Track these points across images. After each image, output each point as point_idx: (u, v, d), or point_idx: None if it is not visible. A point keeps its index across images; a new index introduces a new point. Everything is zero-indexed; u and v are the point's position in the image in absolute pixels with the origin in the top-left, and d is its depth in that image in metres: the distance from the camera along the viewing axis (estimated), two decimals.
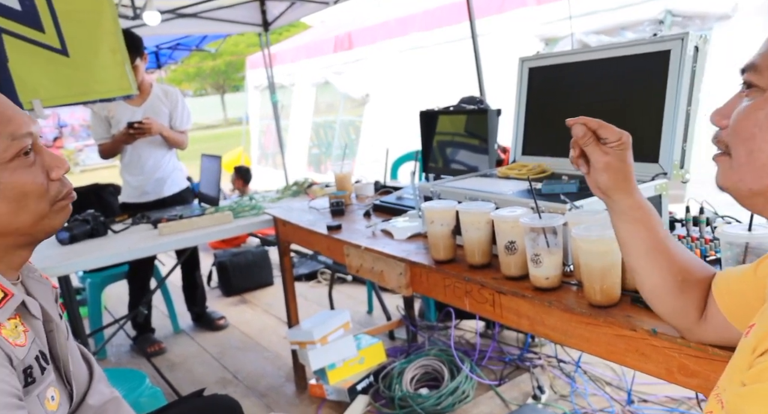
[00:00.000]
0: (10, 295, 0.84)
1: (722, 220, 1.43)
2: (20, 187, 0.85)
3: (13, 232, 0.86)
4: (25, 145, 0.85)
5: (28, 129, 0.86)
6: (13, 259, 0.90)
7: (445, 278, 1.47)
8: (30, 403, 0.82)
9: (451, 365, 2.35)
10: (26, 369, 0.84)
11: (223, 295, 4.01)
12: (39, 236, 0.91)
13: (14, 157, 0.84)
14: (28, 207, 0.86)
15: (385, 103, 6.15)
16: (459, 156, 2.19)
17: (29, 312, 0.89)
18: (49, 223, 0.90)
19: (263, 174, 8.84)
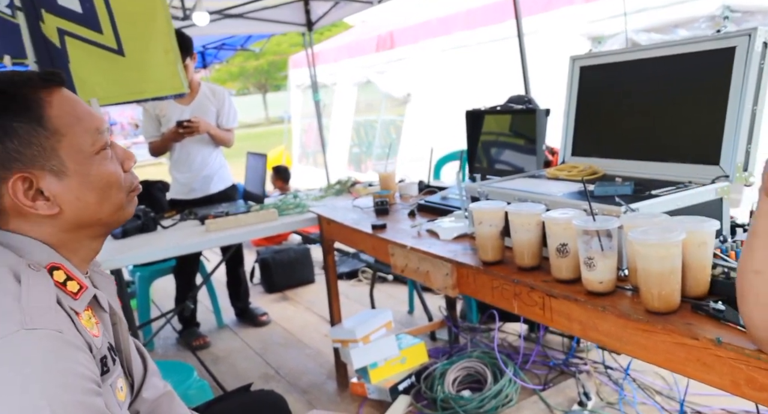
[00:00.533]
0: (84, 287, 0.87)
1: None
2: (106, 178, 0.89)
3: (96, 222, 0.90)
4: (106, 138, 0.90)
5: (103, 124, 0.91)
6: (87, 252, 0.93)
7: (493, 280, 1.45)
8: (105, 391, 0.85)
9: (494, 368, 2.32)
10: (102, 358, 0.87)
11: (266, 292, 4.07)
12: (114, 226, 0.95)
13: (100, 149, 0.88)
14: (111, 197, 0.90)
15: (426, 103, 6.12)
16: (505, 156, 2.16)
17: (99, 305, 0.91)
18: (123, 215, 0.94)
19: (304, 172, 8.94)
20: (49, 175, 0.84)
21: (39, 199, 0.84)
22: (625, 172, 1.57)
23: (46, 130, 0.83)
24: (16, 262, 0.82)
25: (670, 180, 1.43)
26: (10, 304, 0.76)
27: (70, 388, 0.74)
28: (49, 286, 0.82)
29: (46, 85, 0.86)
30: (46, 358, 0.74)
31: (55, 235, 0.88)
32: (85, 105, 0.90)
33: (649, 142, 1.57)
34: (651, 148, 1.57)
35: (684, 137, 1.49)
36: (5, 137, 0.82)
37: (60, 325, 0.78)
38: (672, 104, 1.51)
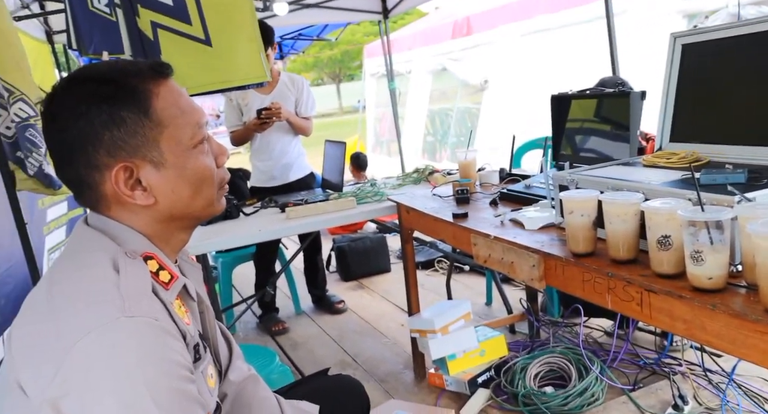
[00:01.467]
0: (176, 277, 0.88)
1: None
2: (201, 172, 0.89)
3: (187, 215, 0.91)
4: (206, 133, 0.91)
5: (203, 118, 0.91)
6: (177, 243, 0.94)
7: (584, 272, 1.37)
8: (197, 378, 0.86)
9: (579, 365, 2.22)
10: (195, 346, 0.88)
11: (341, 280, 4.11)
12: (203, 220, 0.96)
13: (198, 143, 0.89)
14: (203, 191, 0.90)
15: (505, 90, 5.96)
16: (594, 143, 2.05)
17: (188, 293, 0.93)
18: (213, 210, 0.94)
19: (378, 161, 8.96)
20: (149, 165, 0.86)
21: (137, 189, 0.86)
22: (734, 158, 1.44)
23: (150, 121, 0.85)
24: (114, 249, 0.84)
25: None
26: (111, 291, 0.78)
27: (168, 375, 0.76)
28: (146, 275, 0.84)
29: (155, 77, 0.87)
30: (146, 345, 0.75)
31: (149, 225, 0.89)
32: (188, 98, 0.91)
33: (762, 124, 1.43)
34: (760, 131, 1.42)
35: None
36: (114, 126, 0.83)
37: (156, 313, 0.79)
38: None
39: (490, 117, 6.27)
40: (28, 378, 0.75)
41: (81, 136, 0.83)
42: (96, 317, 0.75)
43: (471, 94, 6.93)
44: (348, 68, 29.09)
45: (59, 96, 0.85)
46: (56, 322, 0.76)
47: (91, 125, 0.82)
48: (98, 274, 0.80)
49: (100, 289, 0.78)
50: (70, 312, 0.76)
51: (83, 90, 0.84)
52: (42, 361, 0.74)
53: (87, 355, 0.73)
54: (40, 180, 2.06)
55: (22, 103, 2.10)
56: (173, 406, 0.75)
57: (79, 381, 0.72)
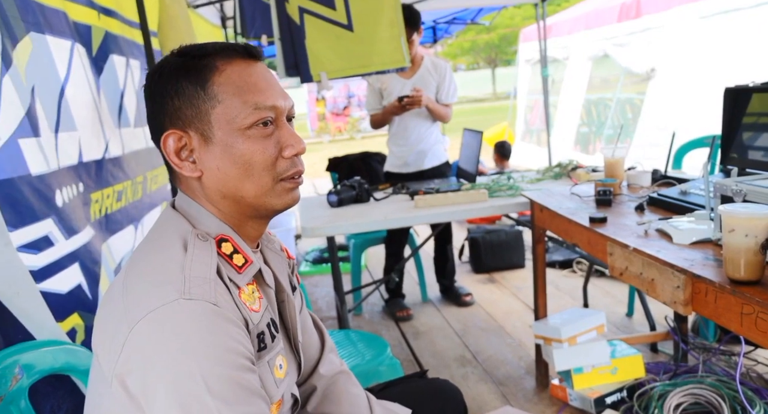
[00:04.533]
0: (250, 261, 0.87)
1: None
2: (249, 155, 0.86)
3: (240, 199, 0.88)
4: (265, 116, 0.86)
5: (274, 102, 0.87)
6: (250, 231, 0.92)
7: (744, 304, 1.15)
8: (261, 367, 0.85)
9: (733, 402, 1.92)
10: (259, 334, 0.86)
11: (472, 271, 4.01)
12: (261, 212, 0.91)
13: (252, 125, 0.86)
14: (253, 176, 0.87)
15: (674, 80, 5.35)
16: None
17: (264, 280, 0.91)
18: (270, 202, 0.89)
19: (526, 151, 8.62)
20: (200, 138, 0.86)
21: (187, 160, 0.87)
22: None
23: (206, 94, 0.85)
24: (187, 230, 0.85)
25: None
26: (175, 272, 0.78)
27: (221, 361, 0.75)
28: (212, 257, 0.82)
29: (231, 55, 0.87)
30: (200, 329, 0.75)
31: (218, 206, 0.89)
32: (263, 82, 0.87)
33: None
34: None
35: None
36: (175, 95, 0.86)
37: (216, 297, 0.78)
38: None
39: (654, 109, 5.68)
40: (102, 355, 0.79)
41: (156, 104, 0.87)
42: (157, 297, 0.76)
43: (634, 84, 6.32)
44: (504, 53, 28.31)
45: (154, 68, 0.90)
46: (126, 300, 0.78)
47: (161, 95, 0.86)
48: (167, 255, 0.81)
49: (166, 269, 0.79)
50: (138, 291, 0.78)
51: (167, 62, 0.88)
52: (111, 336, 0.77)
53: (145, 335, 0.74)
54: None
55: None
56: (227, 394, 0.74)
57: (138, 361, 0.75)
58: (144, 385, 0.74)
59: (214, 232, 0.87)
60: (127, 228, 1.97)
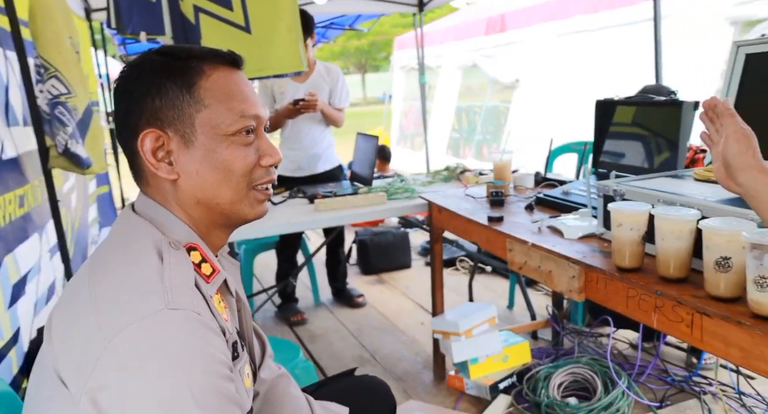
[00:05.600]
0: (217, 270, 0.85)
1: None
2: (230, 161, 0.86)
3: (215, 206, 0.88)
4: (249, 124, 0.87)
5: (257, 111, 0.89)
6: (215, 239, 0.92)
7: (630, 288, 1.32)
8: (236, 378, 0.83)
9: (605, 377, 2.17)
10: (234, 343, 0.85)
11: (361, 273, 4.08)
12: (232, 220, 0.91)
13: (236, 132, 0.86)
14: (231, 182, 0.87)
15: (536, 90, 5.86)
16: (639, 152, 1.98)
17: (228, 289, 0.90)
18: (243, 210, 0.89)
19: (401, 155, 8.92)
20: (180, 140, 0.85)
21: (164, 161, 0.85)
22: None
23: (191, 97, 0.84)
24: (159, 238, 0.82)
25: None
26: (155, 281, 0.75)
27: (209, 373, 0.73)
28: (189, 266, 0.81)
29: (217, 61, 0.87)
30: (188, 340, 0.72)
31: (188, 213, 0.87)
32: (247, 90, 0.89)
33: None
34: None
35: None
36: (156, 95, 0.84)
37: (199, 307, 0.76)
38: None
39: (520, 117, 6.18)
40: (68, 370, 0.73)
41: (133, 103, 0.85)
42: (138, 308, 0.72)
43: (501, 92, 6.83)
44: (374, 59, 28.98)
45: (132, 65, 0.87)
46: (98, 313, 0.73)
47: (141, 93, 0.84)
48: (142, 263, 0.78)
49: (143, 279, 0.76)
50: (112, 302, 0.74)
51: (148, 61, 0.86)
52: (82, 352, 0.72)
53: (127, 347, 0.70)
54: (69, 158, 2.05)
55: (56, 80, 2.08)
56: (213, 405, 0.72)
57: (117, 374, 0.70)
58: (122, 400, 0.69)
59: (183, 239, 0.85)
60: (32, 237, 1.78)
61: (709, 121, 1.02)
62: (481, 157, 7.20)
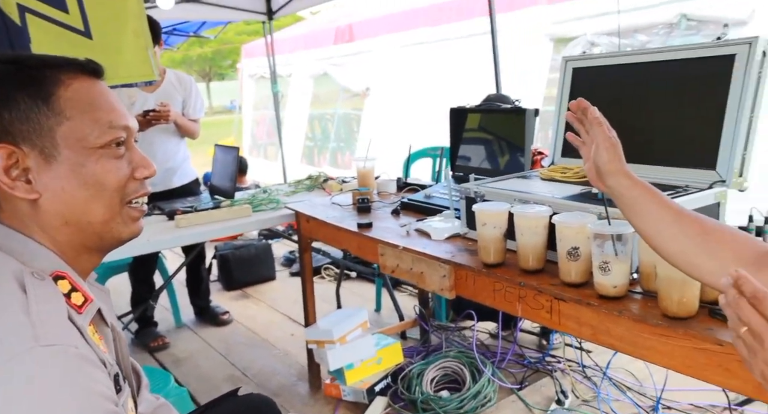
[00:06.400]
0: (90, 299, 0.78)
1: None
2: (102, 175, 0.80)
3: (86, 226, 0.81)
4: (119, 135, 0.82)
5: (126, 122, 0.84)
6: (83, 263, 0.84)
7: (496, 282, 1.43)
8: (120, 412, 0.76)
9: (472, 368, 2.31)
10: (115, 376, 0.78)
11: (224, 289, 3.93)
12: (105, 241, 0.84)
13: (105, 145, 0.81)
14: (103, 198, 0.81)
15: (386, 98, 6.09)
16: (490, 156, 2.15)
17: (103, 319, 0.82)
18: (116, 229, 0.84)
19: (256, 165, 8.73)
20: (39, 156, 0.78)
21: (20, 180, 0.77)
22: None
23: (49, 109, 0.78)
24: (19, 269, 0.74)
25: (667, 183, 1.45)
26: (19, 317, 0.67)
27: (93, 409, 0.66)
28: (59, 297, 0.74)
29: (75, 70, 0.81)
30: (66, 377, 0.65)
31: (53, 238, 0.80)
32: (112, 100, 0.84)
33: (645, 145, 1.58)
34: (646, 151, 1.58)
35: (680, 141, 1.51)
36: (5, 107, 0.77)
37: (75, 340, 0.70)
38: (669, 108, 1.53)
39: (372, 124, 6.37)
40: None
41: None
42: (4, 349, 0.64)
43: (352, 100, 6.99)
44: (219, 67, 28.04)
45: None
46: None
47: None
48: (3, 300, 0.69)
49: (6, 317, 0.67)
50: None
51: None
52: None
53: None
54: None
55: None
56: None
57: None
58: None
59: (48, 268, 0.76)
60: None
61: (577, 122, 1.05)
62: (336, 165, 7.29)
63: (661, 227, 0.92)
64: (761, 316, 0.60)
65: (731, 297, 0.63)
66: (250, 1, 4.90)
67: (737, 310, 0.62)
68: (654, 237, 0.94)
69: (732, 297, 0.63)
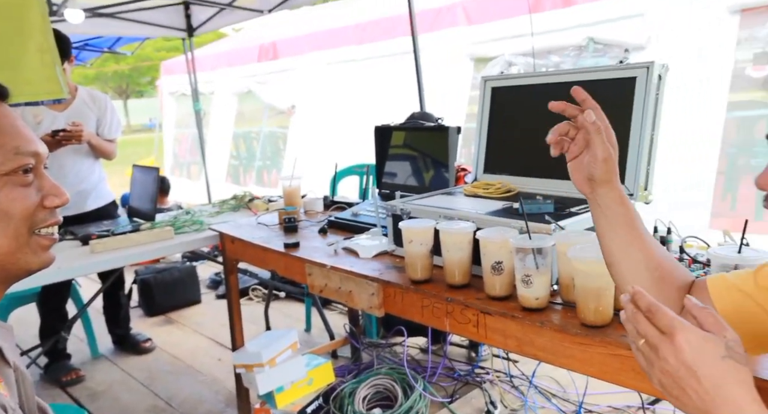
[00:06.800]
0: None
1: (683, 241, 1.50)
2: (8, 204, 0.75)
3: None
4: (27, 162, 0.77)
5: (34, 148, 0.79)
6: None
7: (424, 298, 1.45)
8: None
9: (403, 384, 2.31)
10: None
11: (146, 315, 3.75)
12: (11, 273, 0.79)
13: (11, 171, 0.76)
14: (9, 228, 0.76)
15: (312, 116, 6.07)
16: (415, 173, 2.19)
17: (4, 359, 0.76)
18: (24, 259, 0.78)
19: (178, 185, 8.44)
20: None
21: None
22: (537, 189, 1.65)
23: None
24: None
25: (581, 197, 1.52)
26: None
27: None
28: None
29: None
30: None
31: None
32: (18, 124, 0.79)
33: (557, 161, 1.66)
34: (558, 167, 1.65)
35: None
36: None
37: None
38: None
39: (298, 142, 6.33)
40: None
41: None
42: None
43: (278, 118, 6.93)
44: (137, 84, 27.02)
45: None
46: None
47: None
48: None
49: None
50: None
51: None
52: None
53: None
54: None
55: None
56: None
57: None
58: None
59: None
60: None
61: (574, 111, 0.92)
62: (263, 184, 7.18)
63: (630, 251, 0.90)
64: (656, 329, 0.65)
65: (629, 312, 0.68)
66: (169, 17, 4.77)
67: (635, 323, 0.67)
68: (619, 260, 0.92)
69: (630, 312, 0.68)
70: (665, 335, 0.64)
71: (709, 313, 0.65)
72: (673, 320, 0.64)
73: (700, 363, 0.61)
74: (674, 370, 0.63)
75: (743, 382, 0.61)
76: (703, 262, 1.39)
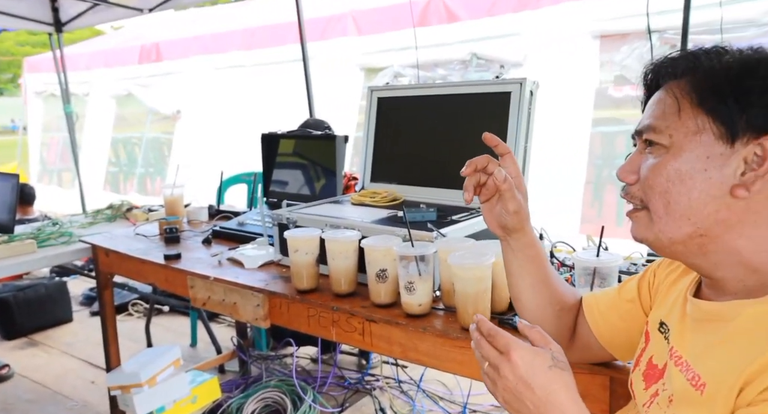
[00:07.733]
0: None
1: (553, 245, 1.61)
2: None
3: None
4: None
5: None
6: None
7: (310, 308, 1.43)
8: None
9: (293, 396, 2.27)
10: None
11: (4, 339, 3.38)
12: None
13: None
14: None
15: (199, 122, 5.83)
16: (303, 181, 2.17)
17: None
18: None
19: (47, 193, 7.74)
20: None
21: None
22: (422, 198, 1.69)
23: None
24: None
25: (458, 206, 1.58)
26: None
27: None
28: None
29: None
30: None
31: None
32: None
33: (441, 170, 1.73)
34: (442, 176, 1.72)
35: None
36: None
37: None
38: (460, 137, 1.69)
39: (184, 148, 6.05)
40: None
41: None
42: None
43: (162, 123, 6.58)
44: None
45: None
46: None
47: None
48: None
49: None
50: None
51: None
52: None
53: None
54: None
55: None
56: None
57: None
58: None
59: None
60: None
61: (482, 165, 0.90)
62: (145, 192, 6.78)
63: (537, 289, 0.94)
64: (495, 350, 0.71)
65: (475, 339, 0.74)
66: (32, 8, 4.34)
67: (479, 348, 0.73)
68: (526, 297, 0.95)
69: (476, 339, 0.74)
70: (503, 354, 0.70)
71: (536, 330, 0.73)
72: (508, 340, 0.70)
73: (532, 374, 0.68)
74: (513, 385, 0.68)
75: (567, 385, 0.68)
76: (570, 266, 1.49)
